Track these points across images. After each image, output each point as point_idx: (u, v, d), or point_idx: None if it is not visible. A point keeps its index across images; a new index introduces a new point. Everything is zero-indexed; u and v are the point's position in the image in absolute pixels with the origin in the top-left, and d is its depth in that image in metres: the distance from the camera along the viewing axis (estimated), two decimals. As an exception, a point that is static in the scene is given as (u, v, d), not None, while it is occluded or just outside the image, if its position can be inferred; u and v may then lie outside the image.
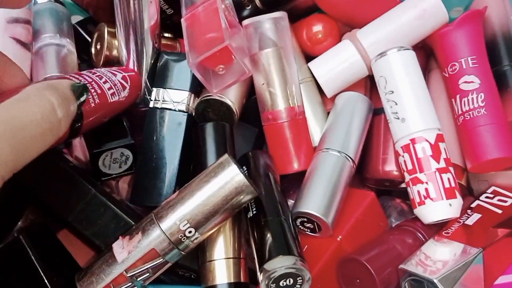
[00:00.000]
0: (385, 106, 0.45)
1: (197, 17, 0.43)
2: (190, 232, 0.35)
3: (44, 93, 0.26)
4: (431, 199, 0.41)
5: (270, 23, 0.46)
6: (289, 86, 0.45)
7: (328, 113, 0.50)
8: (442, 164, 0.42)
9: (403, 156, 0.43)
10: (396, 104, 0.44)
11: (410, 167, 0.42)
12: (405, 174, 0.43)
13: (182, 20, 0.44)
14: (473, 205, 0.44)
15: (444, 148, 0.43)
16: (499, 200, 0.44)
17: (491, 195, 0.45)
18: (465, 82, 0.45)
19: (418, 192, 0.42)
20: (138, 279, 0.35)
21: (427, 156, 0.42)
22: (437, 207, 0.41)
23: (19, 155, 0.23)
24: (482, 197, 0.45)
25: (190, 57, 0.41)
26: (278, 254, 0.34)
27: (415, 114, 0.43)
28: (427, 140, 0.42)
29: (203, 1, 0.44)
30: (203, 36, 0.42)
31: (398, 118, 0.44)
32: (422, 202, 0.42)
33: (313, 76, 0.49)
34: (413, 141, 0.42)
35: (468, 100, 0.45)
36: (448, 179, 0.42)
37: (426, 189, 0.41)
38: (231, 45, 0.40)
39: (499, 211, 0.43)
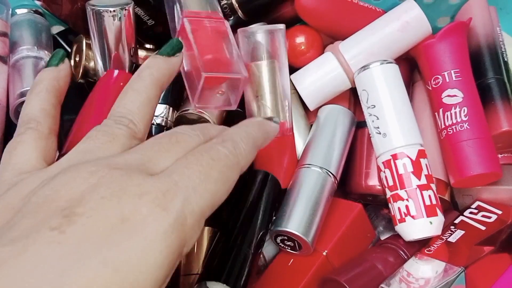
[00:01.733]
0: (367, 120, 0.45)
1: (203, 27, 0.43)
2: None
3: None
4: (412, 216, 0.40)
5: (267, 34, 0.45)
6: (281, 100, 0.44)
7: (311, 125, 0.49)
8: (423, 180, 0.41)
9: (384, 172, 0.42)
10: (378, 118, 0.43)
11: (391, 183, 0.42)
12: (386, 190, 0.42)
13: (185, 19, 0.43)
14: (456, 221, 0.44)
15: (426, 164, 0.42)
16: (483, 216, 0.44)
17: (475, 211, 0.45)
18: (448, 96, 0.45)
19: (399, 209, 0.41)
20: None
21: (408, 172, 0.41)
22: (417, 225, 0.40)
23: None
24: (466, 213, 0.44)
25: (201, 65, 0.40)
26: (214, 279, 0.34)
27: (397, 129, 0.42)
28: (408, 156, 0.41)
29: (208, 15, 0.44)
30: (213, 52, 0.41)
31: (380, 133, 0.43)
32: (402, 219, 0.41)
33: (295, 89, 0.48)
34: (394, 156, 0.42)
35: (451, 114, 0.44)
36: (429, 196, 0.41)
37: (407, 206, 0.41)
38: (246, 79, 0.40)
39: (483, 228, 0.42)
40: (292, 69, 0.49)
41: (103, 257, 0.21)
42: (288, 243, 0.40)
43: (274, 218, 0.41)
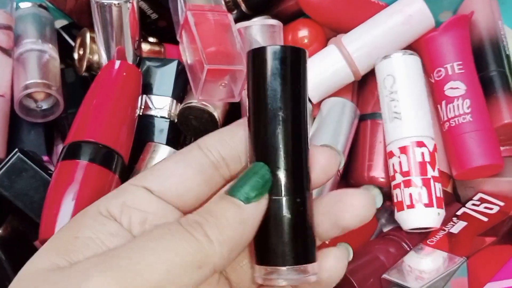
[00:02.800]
0: (385, 106, 0.44)
1: (207, 20, 0.43)
2: None
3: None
4: (424, 204, 0.40)
5: (263, 29, 0.45)
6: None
7: (314, 118, 0.49)
8: (436, 173, 0.41)
9: (398, 157, 0.42)
10: (403, 105, 0.43)
11: (405, 168, 0.41)
12: (397, 175, 0.42)
13: (189, 12, 0.43)
14: (459, 213, 0.44)
15: (437, 159, 0.42)
16: (485, 207, 0.44)
17: (478, 202, 0.45)
18: (451, 88, 0.45)
19: (410, 195, 0.41)
20: None
21: (425, 161, 0.41)
22: (426, 213, 0.40)
23: None
24: (469, 204, 0.45)
25: (204, 57, 0.40)
26: None
27: (420, 118, 0.43)
28: (427, 147, 0.42)
29: (212, 8, 0.44)
30: (216, 45, 0.42)
31: (400, 119, 0.43)
32: (412, 205, 0.41)
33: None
34: (413, 144, 0.42)
35: (453, 106, 0.44)
36: (440, 189, 0.41)
37: (420, 193, 0.40)
38: None
39: (485, 219, 0.43)
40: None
41: None
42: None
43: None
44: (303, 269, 0.20)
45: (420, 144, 0.42)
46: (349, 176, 0.48)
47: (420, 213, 0.40)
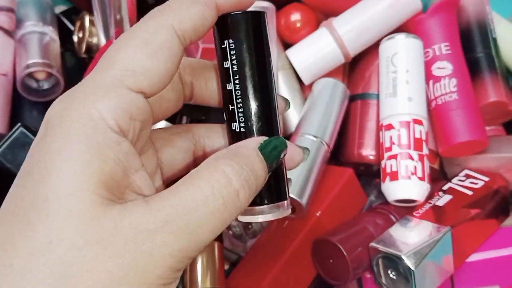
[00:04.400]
0: (386, 81, 0.46)
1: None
2: None
3: (218, 163, 0.21)
4: (418, 177, 0.42)
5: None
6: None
7: (306, 99, 0.51)
8: (427, 152, 0.43)
9: (398, 130, 0.43)
10: (408, 83, 0.45)
11: (404, 142, 0.43)
12: (394, 147, 0.43)
13: None
14: (445, 188, 0.46)
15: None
16: (470, 182, 0.46)
17: (463, 178, 0.46)
18: (438, 68, 0.46)
19: (407, 166, 0.42)
20: None
21: (422, 139, 0.43)
22: (418, 186, 0.42)
23: (188, 241, 0.19)
24: (454, 180, 0.46)
25: None
26: None
27: (422, 98, 0.45)
28: (423, 125, 0.44)
29: None
30: None
31: (403, 95, 0.44)
32: (407, 176, 0.42)
33: (291, 64, 0.50)
34: (414, 120, 0.43)
35: (440, 85, 0.46)
36: (429, 166, 0.43)
37: (415, 167, 0.42)
38: None
39: (470, 193, 0.44)
40: (289, 46, 0.51)
41: None
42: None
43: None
44: (280, 205, 0.23)
45: (419, 122, 0.43)
46: (339, 154, 0.50)
47: (413, 185, 0.42)
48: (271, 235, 0.43)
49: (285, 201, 0.24)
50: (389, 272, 0.40)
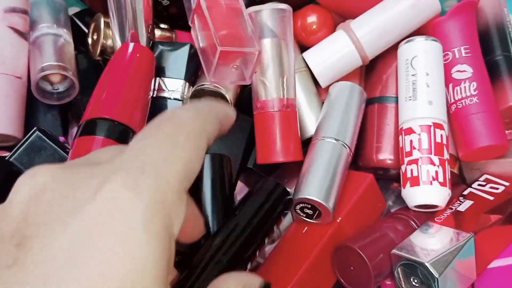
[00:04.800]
0: (406, 84, 0.45)
1: (218, 5, 0.44)
2: None
3: None
4: (439, 182, 0.41)
5: (273, 13, 0.46)
6: (282, 78, 0.45)
7: (323, 102, 0.50)
8: (447, 156, 0.43)
9: (419, 134, 0.43)
10: (428, 86, 0.44)
11: (425, 146, 0.42)
12: (415, 151, 0.43)
13: None
14: (465, 192, 0.45)
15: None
16: (491, 187, 0.45)
17: (483, 183, 0.46)
18: (458, 71, 0.46)
19: (428, 171, 0.42)
20: None
21: (443, 144, 0.42)
22: (440, 192, 0.41)
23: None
24: (475, 185, 0.46)
25: (217, 40, 0.41)
26: None
27: (442, 102, 0.44)
28: (444, 130, 0.43)
29: None
30: (228, 28, 0.43)
31: (424, 99, 0.44)
32: (429, 182, 0.41)
33: (308, 66, 0.49)
34: (435, 124, 0.43)
35: (460, 88, 0.45)
36: (450, 171, 0.43)
37: (437, 172, 0.41)
38: (260, 54, 0.42)
39: (491, 198, 0.44)
40: (305, 48, 0.51)
41: (82, 276, 0.17)
42: (307, 211, 0.41)
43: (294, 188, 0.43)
44: None
45: (440, 126, 0.43)
46: (357, 159, 0.49)
47: (435, 190, 0.41)
48: (291, 242, 0.42)
49: None
50: (411, 279, 0.39)
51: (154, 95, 0.46)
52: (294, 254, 0.41)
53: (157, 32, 0.53)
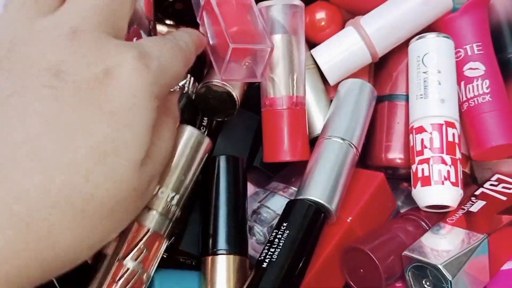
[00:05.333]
0: (417, 82, 0.44)
1: (228, 1, 0.43)
2: (162, 192, 0.35)
3: None
4: (451, 182, 0.40)
5: (285, 9, 0.45)
6: (292, 75, 0.45)
7: (331, 100, 0.49)
8: (459, 156, 0.42)
9: (430, 133, 0.42)
10: (440, 84, 0.43)
11: (437, 145, 0.41)
12: (426, 150, 0.42)
13: None
14: (477, 193, 0.44)
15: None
16: (503, 187, 0.44)
17: (496, 183, 0.45)
18: (470, 68, 0.45)
19: (439, 171, 0.41)
20: (136, 262, 0.34)
21: (455, 143, 0.42)
22: (452, 192, 0.41)
23: None
24: (487, 185, 0.45)
25: (228, 36, 0.40)
26: None
27: (454, 100, 0.43)
28: (456, 129, 0.42)
29: None
30: (239, 24, 0.42)
31: (436, 97, 0.43)
32: (441, 181, 0.41)
33: (316, 63, 0.49)
34: (447, 123, 0.42)
35: (473, 86, 0.44)
36: (462, 171, 0.42)
37: (448, 172, 0.41)
38: (272, 51, 0.41)
39: (504, 198, 0.43)
40: (313, 45, 0.50)
41: (101, 113, 0.25)
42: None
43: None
44: None
45: (452, 125, 0.42)
46: (366, 158, 0.48)
47: (447, 190, 0.40)
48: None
49: None
50: (423, 282, 0.38)
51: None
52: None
53: (163, 29, 0.52)
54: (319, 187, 0.40)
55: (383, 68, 0.50)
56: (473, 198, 0.43)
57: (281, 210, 0.41)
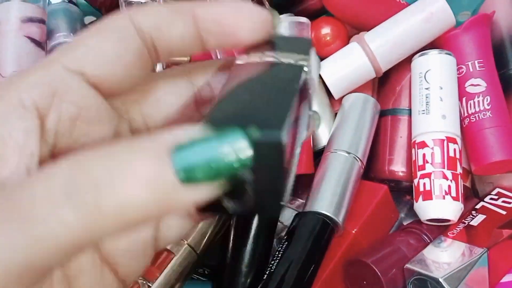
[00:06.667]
0: (419, 98, 0.46)
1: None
2: None
3: None
4: (452, 197, 0.42)
5: (291, 26, 0.46)
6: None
7: (336, 114, 0.50)
8: (460, 170, 0.43)
9: (432, 148, 0.43)
10: (442, 100, 0.44)
11: (438, 160, 0.42)
12: (428, 165, 0.43)
13: None
14: (477, 206, 0.45)
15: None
16: (503, 201, 0.45)
17: (496, 197, 0.46)
18: (472, 85, 0.46)
19: (441, 186, 0.42)
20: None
21: (456, 158, 0.43)
22: (453, 206, 0.42)
23: None
24: (487, 199, 0.46)
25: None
26: None
27: (455, 116, 0.44)
28: (458, 144, 0.43)
29: None
30: None
31: (438, 113, 0.44)
32: (441, 196, 0.42)
33: (321, 78, 0.50)
34: (448, 139, 0.43)
35: (474, 102, 0.45)
36: (463, 185, 0.43)
37: (449, 186, 0.42)
38: None
39: (504, 212, 0.44)
40: (318, 59, 0.51)
41: None
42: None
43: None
44: None
45: (453, 140, 0.43)
46: (369, 171, 0.49)
47: (447, 205, 0.41)
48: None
49: None
50: (424, 294, 0.39)
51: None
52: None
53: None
54: (327, 200, 0.41)
55: (387, 83, 0.51)
56: (473, 212, 0.44)
57: (289, 222, 0.42)
